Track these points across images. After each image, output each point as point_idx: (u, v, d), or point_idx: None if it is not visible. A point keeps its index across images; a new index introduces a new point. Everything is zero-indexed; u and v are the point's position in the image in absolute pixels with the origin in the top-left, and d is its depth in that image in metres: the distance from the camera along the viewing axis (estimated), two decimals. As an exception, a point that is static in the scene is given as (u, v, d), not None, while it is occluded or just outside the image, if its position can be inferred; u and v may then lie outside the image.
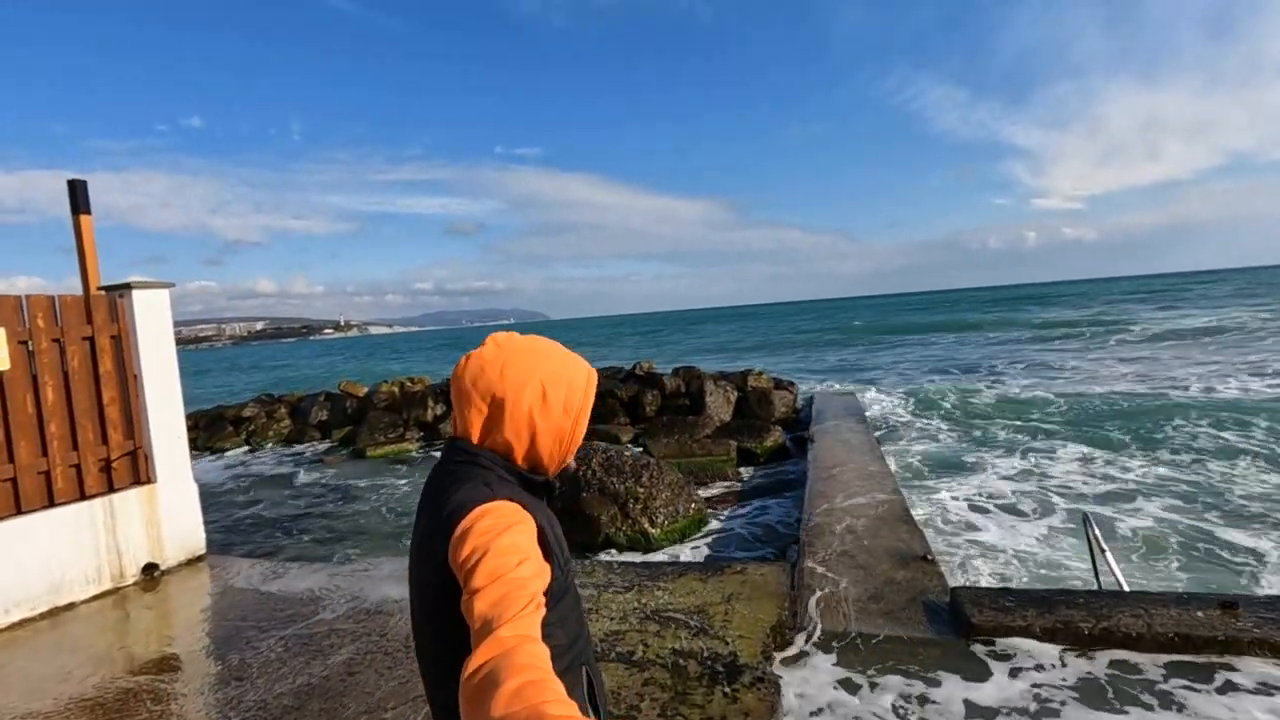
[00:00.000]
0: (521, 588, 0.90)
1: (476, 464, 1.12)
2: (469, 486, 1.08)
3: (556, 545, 1.11)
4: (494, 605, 0.87)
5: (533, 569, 0.95)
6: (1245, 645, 3.15)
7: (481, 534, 0.97)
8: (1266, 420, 10.40)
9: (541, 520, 1.08)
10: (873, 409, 13.71)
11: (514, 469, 1.14)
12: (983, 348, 28.22)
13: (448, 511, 1.05)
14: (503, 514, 1.01)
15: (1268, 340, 22.14)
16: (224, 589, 4.79)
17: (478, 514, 1.01)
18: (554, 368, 1.17)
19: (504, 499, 1.04)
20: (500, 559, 0.93)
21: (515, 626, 0.85)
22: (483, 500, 1.03)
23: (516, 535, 0.98)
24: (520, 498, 1.07)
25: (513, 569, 0.92)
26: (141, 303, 5.28)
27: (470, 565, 0.94)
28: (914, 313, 69.31)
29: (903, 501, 6.08)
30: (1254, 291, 54.64)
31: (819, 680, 3.14)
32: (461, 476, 1.11)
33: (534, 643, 0.84)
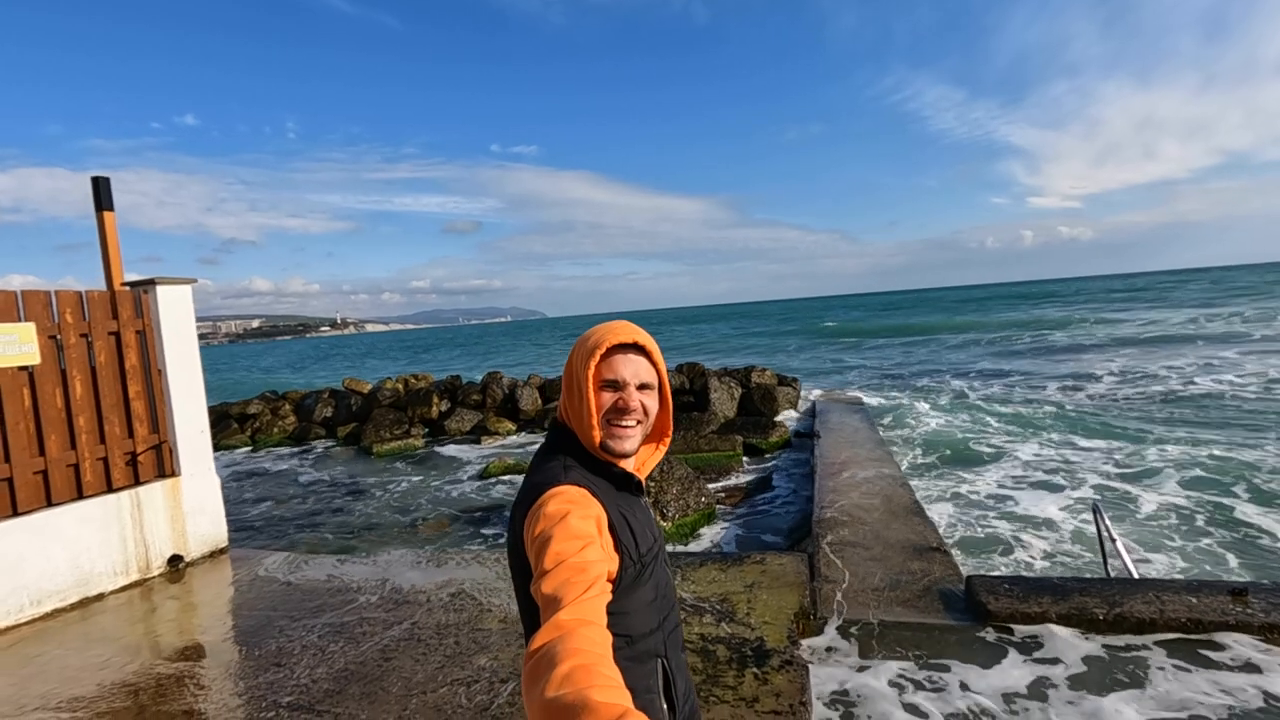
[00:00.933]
0: (582, 571, 0.94)
1: (560, 441, 1.21)
2: (546, 469, 1.15)
3: (629, 536, 1.12)
4: (557, 588, 0.92)
5: (595, 554, 0.99)
6: (1255, 630, 3.26)
7: (548, 518, 1.02)
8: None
9: (611, 509, 1.11)
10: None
11: (584, 450, 1.19)
12: (943, 352, 28.30)
13: (524, 494, 1.13)
14: (568, 499, 1.06)
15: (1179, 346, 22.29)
16: (250, 580, 4.87)
17: (546, 497, 1.06)
18: (578, 345, 1.21)
19: (572, 483, 1.09)
20: (564, 543, 0.97)
21: (575, 610, 0.88)
22: (556, 482, 1.09)
23: (579, 520, 1.02)
24: (590, 483, 1.12)
25: (576, 553, 0.96)
26: (165, 298, 5.35)
27: (537, 547, 1.00)
28: (890, 313, 69.32)
29: (911, 494, 6.19)
30: (1215, 292, 54.61)
31: (844, 664, 3.24)
32: (545, 456, 1.20)
33: (591, 626, 0.87)
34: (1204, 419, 11.15)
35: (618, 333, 1.18)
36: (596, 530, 1.03)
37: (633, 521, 1.15)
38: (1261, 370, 15.59)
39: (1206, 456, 8.61)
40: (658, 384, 1.22)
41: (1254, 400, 12.29)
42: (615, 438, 1.17)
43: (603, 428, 1.17)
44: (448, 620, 3.88)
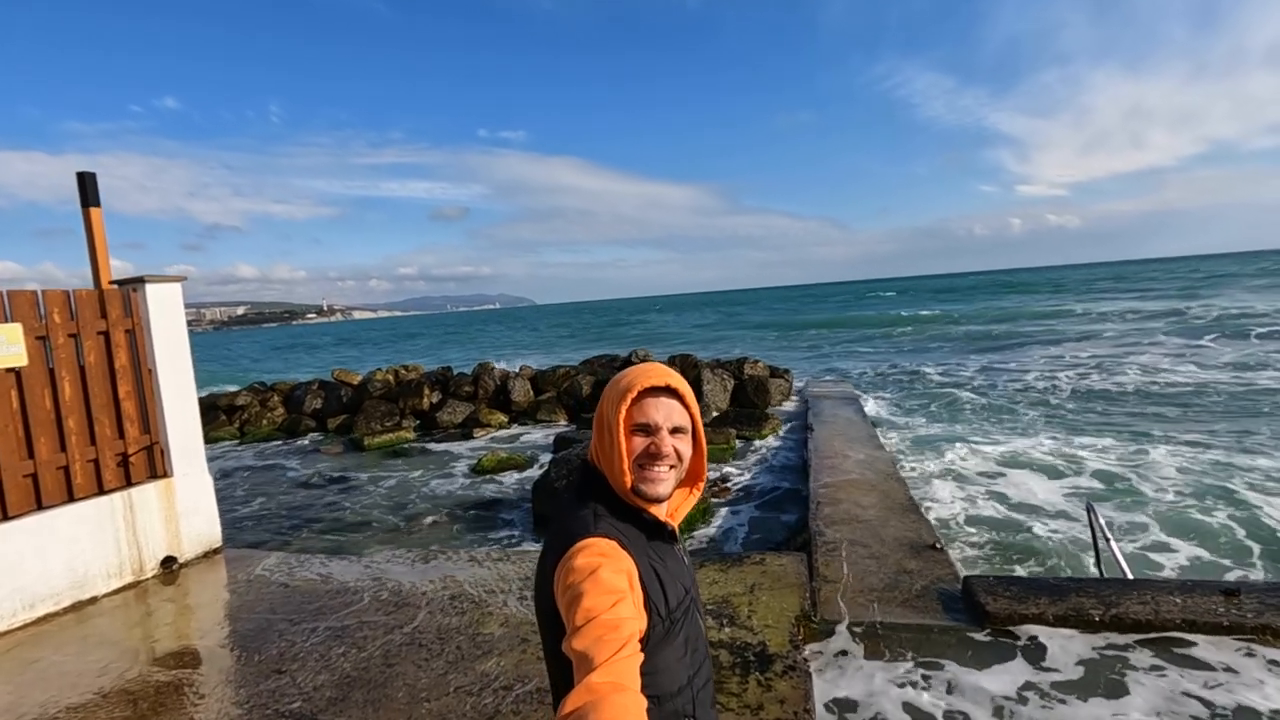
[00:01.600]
0: (615, 629, 0.91)
1: (590, 487, 1.18)
2: (576, 518, 1.12)
3: (659, 591, 1.09)
4: (589, 646, 0.89)
5: (629, 610, 0.96)
6: (1249, 630, 3.32)
7: (578, 571, 0.99)
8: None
9: (642, 561, 1.08)
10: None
11: (615, 496, 1.17)
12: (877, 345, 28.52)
13: (553, 542, 1.11)
14: (599, 551, 1.03)
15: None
16: (247, 582, 4.84)
17: (576, 549, 1.03)
18: (610, 387, 1.20)
19: (601, 535, 1.06)
20: (596, 598, 0.95)
21: (608, 672, 0.86)
22: (585, 534, 1.06)
23: (611, 574, 0.99)
24: (620, 534, 1.09)
25: (608, 609, 0.93)
26: (155, 297, 5.27)
27: (568, 602, 0.97)
28: (872, 303, 69.57)
29: (907, 490, 6.24)
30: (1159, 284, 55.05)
31: (846, 669, 3.26)
32: (574, 501, 1.16)
33: (624, 692, 0.85)
34: (1192, 414, 11.31)
35: (650, 376, 1.16)
36: (628, 585, 1.01)
37: (663, 574, 1.12)
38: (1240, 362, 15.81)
39: (1196, 451, 8.73)
40: (691, 428, 1.19)
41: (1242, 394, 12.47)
42: (648, 482, 1.14)
43: (634, 472, 1.14)
44: (449, 624, 3.87)
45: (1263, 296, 35.29)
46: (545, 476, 7.65)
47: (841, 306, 65.07)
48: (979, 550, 6.07)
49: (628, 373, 1.18)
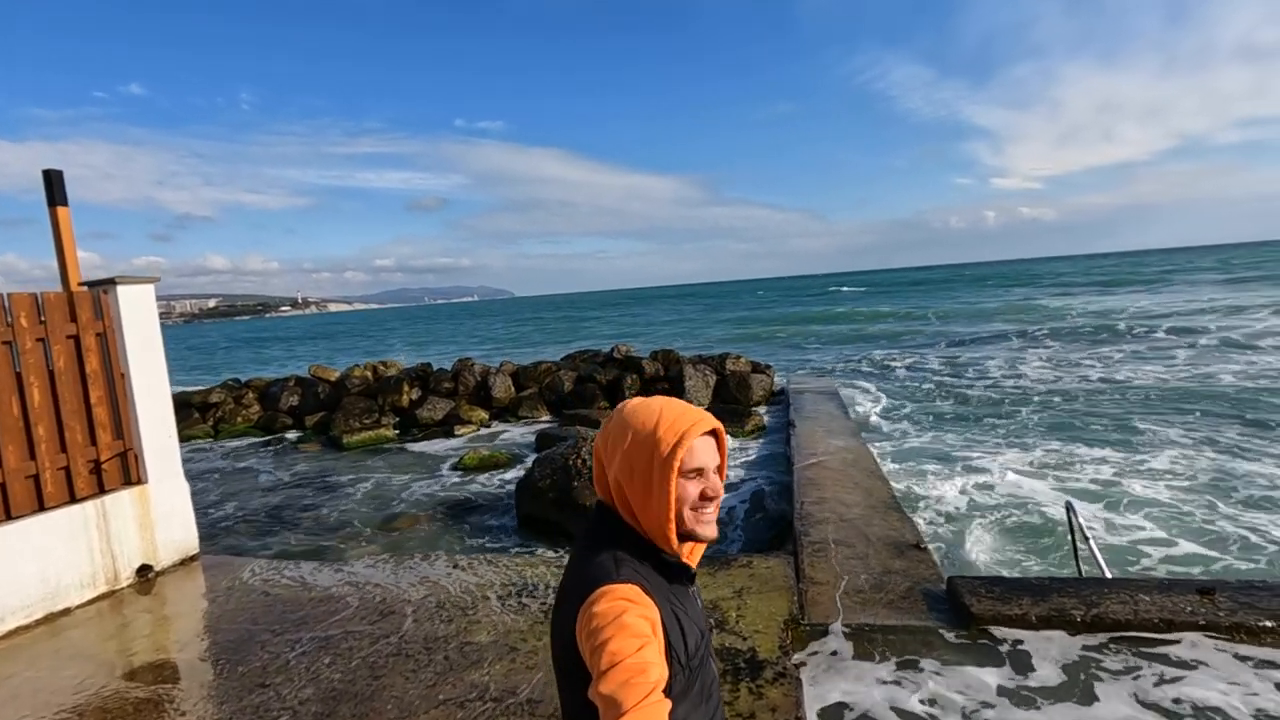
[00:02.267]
0: (642, 673, 0.91)
1: (610, 532, 1.15)
2: (599, 560, 1.10)
3: (680, 639, 1.08)
4: (616, 690, 0.89)
5: (654, 655, 0.96)
6: (1224, 629, 3.40)
7: (601, 616, 0.98)
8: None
9: (664, 607, 1.07)
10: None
11: (641, 541, 1.15)
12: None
13: (575, 586, 1.09)
14: (622, 595, 1.02)
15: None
16: (227, 590, 4.75)
17: (598, 595, 1.02)
18: (644, 430, 1.12)
19: (625, 581, 1.05)
20: (621, 642, 0.94)
21: (637, 717, 0.86)
22: (606, 580, 1.04)
23: (635, 619, 0.98)
24: (644, 579, 1.07)
25: (634, 653, 0.93)
26: (126, 299, 5.12)
27: (593, 647, 0.96)
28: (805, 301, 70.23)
29: (889, 488, 6.30)
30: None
31: (836, 672, 3.29)
32: (597, 546, 1.13)
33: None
34: (1169, 410, 11.57)
35: (694, 420, 1.13)
36: (651, 631, 1.00)
37: (684, 620, 1.11)
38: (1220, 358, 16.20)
39: (1176, 450, 8.94)
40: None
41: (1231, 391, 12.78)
42: (703, 524, 1.14)
43: (686, 518, 1.12)
44: (436, 632, 3.83)
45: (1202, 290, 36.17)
46: (529, 476, 7.61)
47: (821, 301, 65.56)
48: (961, 547, 6.16)
49: (664, 416, 1.13)
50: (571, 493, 7.13)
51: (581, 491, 7.12)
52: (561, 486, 7.25)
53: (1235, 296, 31.62)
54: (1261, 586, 3.75)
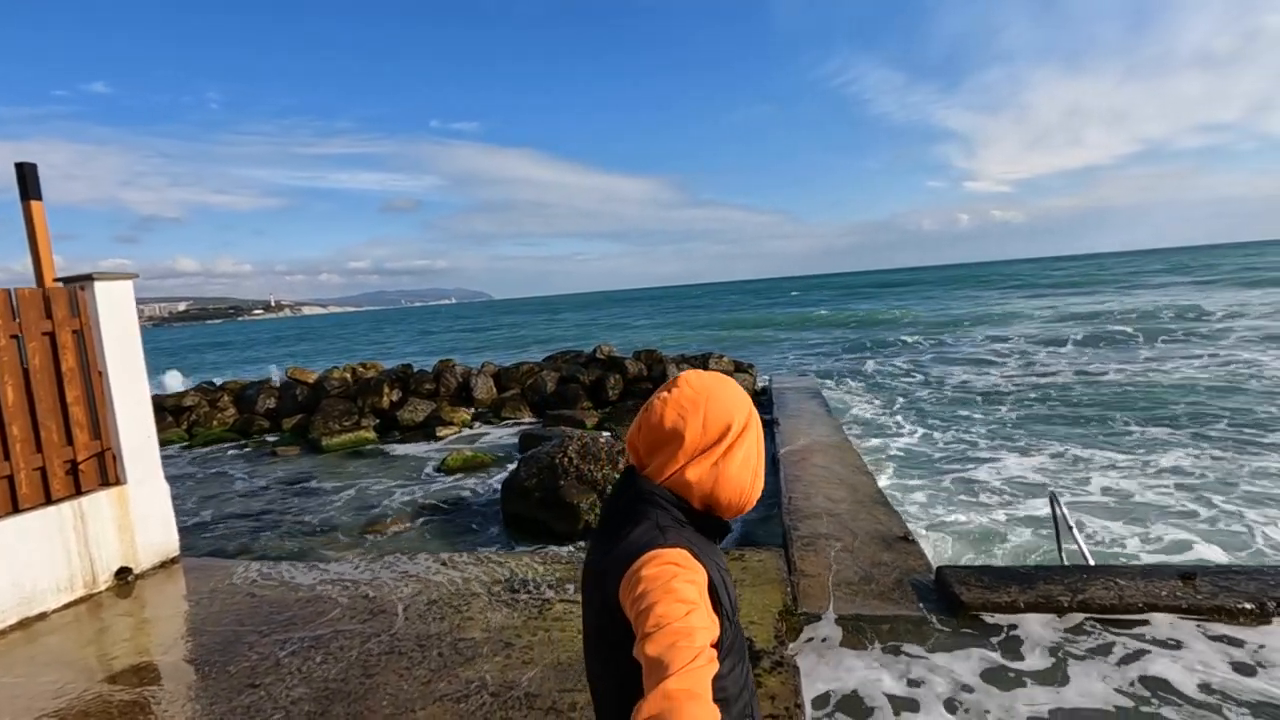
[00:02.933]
0: (689, 637, 0.90)
1: (653, 503, 1.12)
2: (643, 527, 1.08)
3: (726, 596, 1.09)
4: (663, 652, 0.88)
5: (701, 620, 0.95)
6: (1205, 611, 3.49)
7: (651, 580, 0.97)
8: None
9: (712, 569, 1.07)
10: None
11: (690, 510, 1.14)
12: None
13: (620, 552, 1.06)
14: (672, 560, 1.01)
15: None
16: (210, 593, 4.65)
17: (648, 559, 1.01)
18: (734, 404, 1.16)
19: (675, 545, 1.04)
20: (669, 606, 0.93)
21: (683, 679, 0.85)
22: (655, 544, 1.03)
23: (684, 584, 0.98)
24: (693, 543, 1.07)
25: (681, 617, 0.92)
26: (104, 295, 5.01)
27: (639, 610, 0.95)
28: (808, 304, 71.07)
29: (874, 483, 6.37)
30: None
31: (830, 661, 3.31)
32: (637, 515, 1.11)
33: (698, 701, 0.84)
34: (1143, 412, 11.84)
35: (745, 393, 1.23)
36: (699, 595, 0.99)
37: (726, 577, 1.12)
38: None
39: (1143, 443, 9.15)
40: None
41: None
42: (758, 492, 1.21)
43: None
44: (428, 630, 3.79)
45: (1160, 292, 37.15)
46: (515, 475, 7.57)
47: (797, 303, 66.11)
48: (947, 539, 6.24)
49: (739, 389, 1.21)
50: (558, 491, 7.10)
51: (569, 490, 7.09)
52: (548, 486, 7.22)
53: (1200, 297, 32.48)
54: (1239, 571, 3.86)
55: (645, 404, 1.19)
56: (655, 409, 1.16)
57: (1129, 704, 2.88)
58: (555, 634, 3.63)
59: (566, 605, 3.97)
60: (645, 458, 1.18)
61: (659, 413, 1.15)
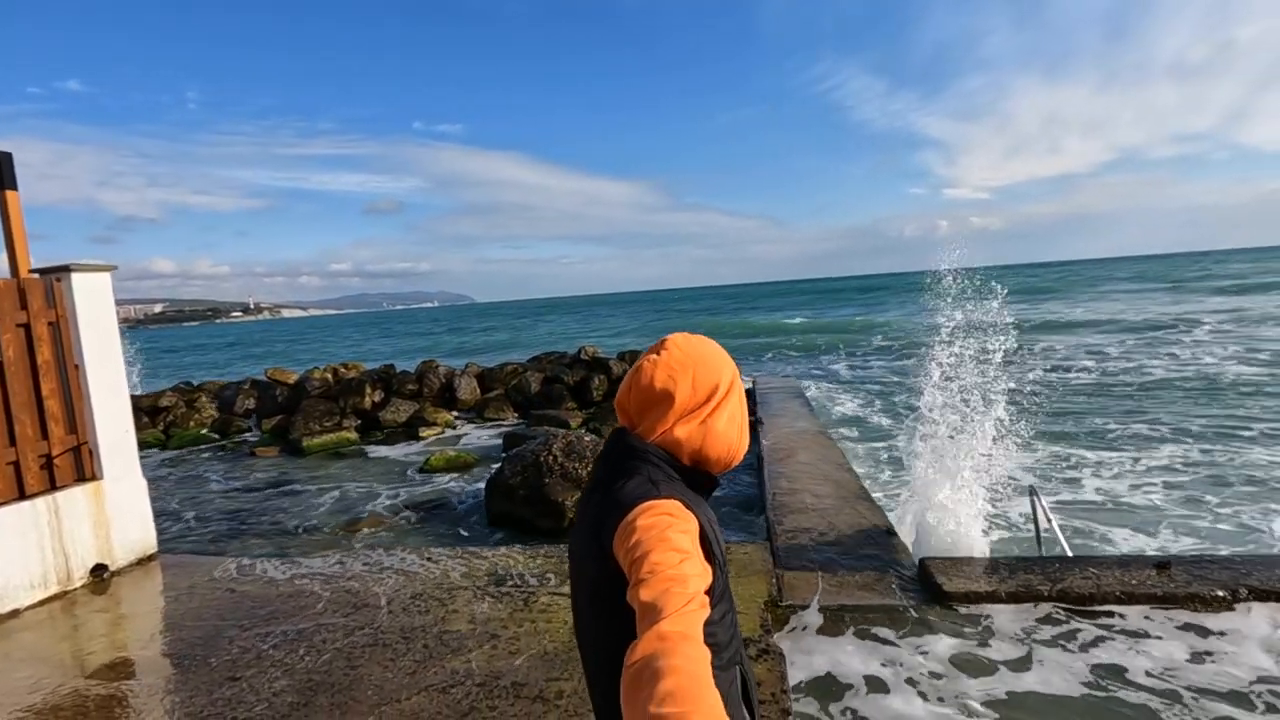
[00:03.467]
0: (682, 583, 0.92)
1: (645, 459, 1.15)
2: (636, 481, 1.10)
3: (717, 545, 1.12)
4: (657, 597, 0.90)
5: (694, 568, 0.97)
6: (1180, 599, 3.57)
7: (645, 530, 0.99)
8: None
9: (703, 520, 1.09)
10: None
11: (680, 466, 1.17)
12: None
13: (614, 505, 1.08)
14: (666, 511, 1.03)
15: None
16: (189, 589, 4.58)
17: (642, 509, 1.03)
18: (718, 365, 1.19)
19: (668, 497, 1.06)
20: (663, 554, 0.95)
21: (677, 622, 0.86)
22: (648, 497, 1.06)
23: (678, 534, 1.00)
24: (684, 495, 1.10)
25: (675, 565, 0.94)
26: (82, 287, 4.93)
27: (634, 558, 0.97)
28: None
29: (857, 479, 6.43)
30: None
31: (815, 650, 3.34)
32: (629, 470, 1.14)
33: (692, 642, 0.85)
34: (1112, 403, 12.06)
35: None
36: (692, 545, 1.01)
37: (716, 529, 1.15)
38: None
39: (1117, 436, 9.32)
40: None
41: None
42: (743, 450, 1.25)
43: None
44: (413, 623, 3.77)
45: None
46: (499, 473, 7.54)
47: (778, 308, 66.51)
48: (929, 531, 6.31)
49: (722, 351, 1.25)
50: (543, 489, 7.09)
51: (553, 488, 7.08)
52: (533, 483, 7.20)
53: (1179, 307, 33.16)
54: (1212, 560, 3.95)
55: (634, 366, 1.21)
56: (645, 371, 1.18)
57: (1093, 690, 2.94)
58: (541, 625, 3.62)
59: (553, 597, 3.97)
60: (635, 418, 1.20)
61: (649, 374, 1.17)
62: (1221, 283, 44.81)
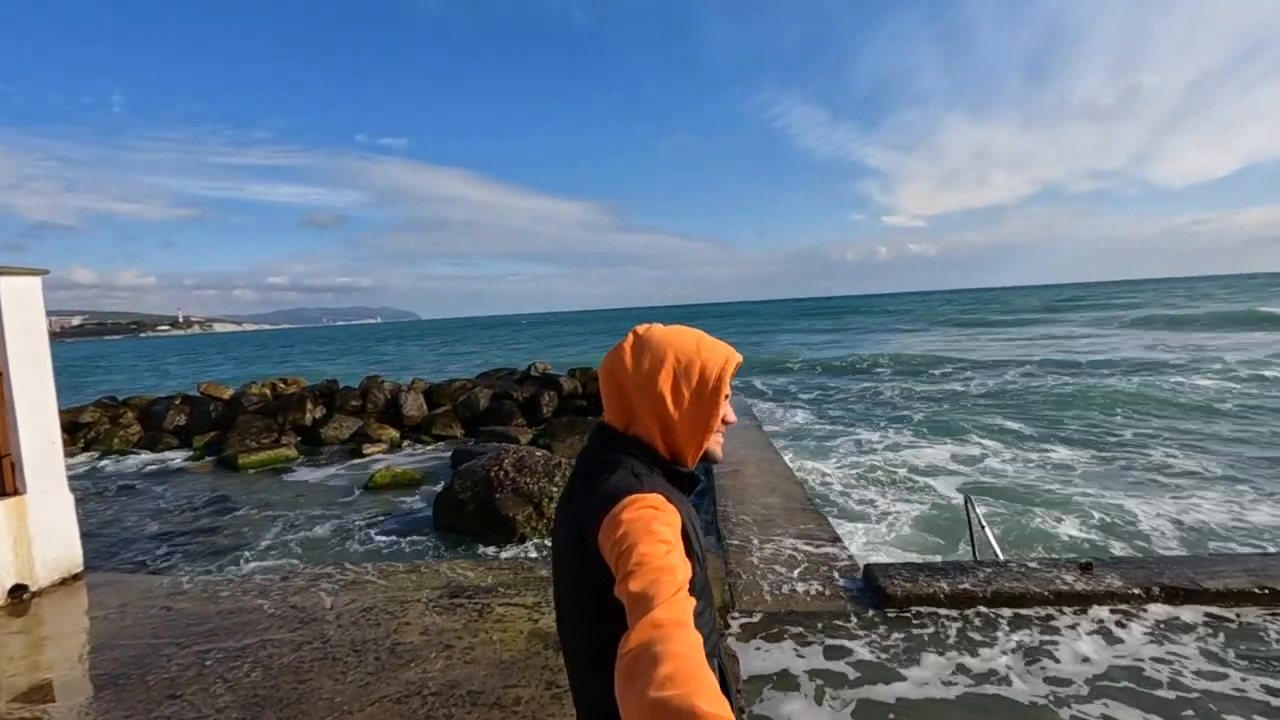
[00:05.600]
0: (671, 573, 0.93)
1: (625, 451, 1.17)
2: (619, 475, 1.12)
3: (697, 541, 1.14)
4: (647, 586, 0.91)
5: (679, 559, 0.99)
6: (1102, 597, 3.82)
7: (631, 523, 1.01)
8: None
9: (684, 515, 1.11)
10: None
11: (658, 458, 1.19)
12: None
13: (598, 499, 1.10)
14: (651, 505, 1.05)
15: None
16: (119, 608, 4.36)
17: (626, 503, 1.05)
18: (687, 355, 1.19)
19: (650, 490, 1.08)
20: (650, 546, 0.97)
21: (670, 609, 0.88)
22: (631, 490, 1.07)
23: (663, 526, 1.02)
24: (665, 489, 1.12)
25: (662, 556, 0.96)
26: (9, 292, 4.69)
27: (620, 550, 0.98)
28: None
29: (803, 491, 6.62)
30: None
31: (765, 653, 3.44)
32: (611, 464, 1.16)
33: (687, 628, 0.87)
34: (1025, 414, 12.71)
35: (732, 350, 1.23)
36: (675, 538, 1.03)
37: (696, 525, 1.17)
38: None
39: (1024, 449, 9.83)
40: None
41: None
42: (719, 445, 1.23)
43: (710, 438, 1.21)
44: (363, 636, 3.70)
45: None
46: (449, 488, 7.44)
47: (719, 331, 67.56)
48: (873, 539, 6.53)
49: (704, 341, 1.23)
50: (493, 504, 7.03)
51: (504, 503, 7.02)
52: (482, 498, 7.13)
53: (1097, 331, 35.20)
54: (1130, 562, 4.24)
55: (608, 356, 1.24)
56: (620, 363, 1.21)
57: (1022, 685, 3.12)
58: (497, 635, 3.60)
59: (508, 608, 3.95)
60: (613, 409, 1.23)
61: (625, 366, 1.20)
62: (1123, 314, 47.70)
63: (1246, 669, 3.11)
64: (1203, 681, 3.03)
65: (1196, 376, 16.64)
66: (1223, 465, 8.88)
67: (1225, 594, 3.79)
